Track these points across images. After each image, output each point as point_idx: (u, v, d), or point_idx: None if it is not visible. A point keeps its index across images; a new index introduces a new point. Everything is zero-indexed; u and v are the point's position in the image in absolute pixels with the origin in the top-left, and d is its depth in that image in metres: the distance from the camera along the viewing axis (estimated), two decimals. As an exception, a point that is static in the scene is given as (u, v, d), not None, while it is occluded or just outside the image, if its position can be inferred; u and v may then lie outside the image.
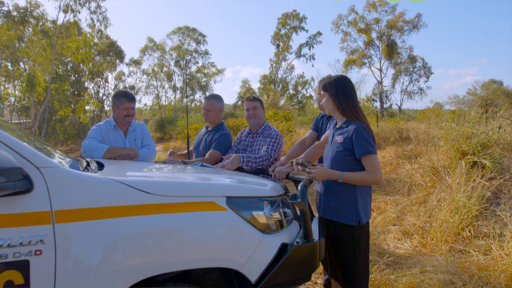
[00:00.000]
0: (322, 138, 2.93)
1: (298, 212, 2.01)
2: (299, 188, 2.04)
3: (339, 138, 2.26)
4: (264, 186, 2.02)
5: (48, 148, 1.88)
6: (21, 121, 31.33)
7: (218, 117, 3.58)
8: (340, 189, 2.26)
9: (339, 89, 2.28)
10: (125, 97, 3.25)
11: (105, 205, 1.44)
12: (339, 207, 2.27)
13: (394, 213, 4.96)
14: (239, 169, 3.06)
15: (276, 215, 1.84)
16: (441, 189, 4.95)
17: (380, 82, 38.07)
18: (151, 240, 1.48)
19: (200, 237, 1.59)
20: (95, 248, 1.39)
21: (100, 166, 1.98)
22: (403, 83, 38.09)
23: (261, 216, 1.78)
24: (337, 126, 2.36)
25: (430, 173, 5.49)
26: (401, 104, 38.10)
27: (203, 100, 3.75)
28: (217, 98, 3.59)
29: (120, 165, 2.19)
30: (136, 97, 3.54)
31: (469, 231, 4.00)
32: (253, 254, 1.67)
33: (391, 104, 38.40)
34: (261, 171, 3.04)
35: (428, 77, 37.69)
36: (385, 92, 37.85)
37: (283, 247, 1.78)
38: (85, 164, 1.99)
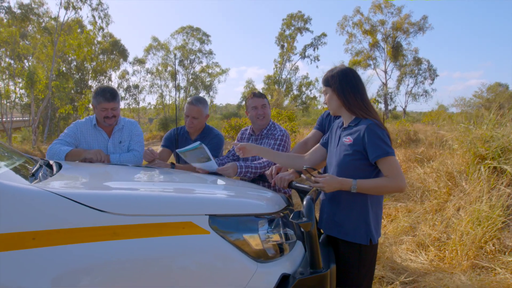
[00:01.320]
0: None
1: (303, 230, 1.59)
2: (304, 203, 1.63)
3: (347, 139, 1.89)
4: (260, 200, 1.65)
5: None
6: (25, 118, 31.11)
7: (203, 124, 3.10)
8: (348, 199, 1.88)
9: (344, 82, 1.92)
10: (101, 95, 2.72)
11: (39, 228, 1.04)
12: (347, 222, 1.89)
13: (406, 222, 4.54)
14: None
15: (275, 237, 1.44)
16: (459, 197, 4.54)
17: (385, 84, 37.61)
18: (101, 276, 1.08)
19: (170, 273, 1.17)
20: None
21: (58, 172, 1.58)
22: (408, 85, 37.63)
23: (255, 239, 1.38)
24: (344, 125, 1.98)
25: (445, 178, 5.07)
26: (405, 106, 37.62)
27: (186, 105, 3.27)
28: (203, 103, 3.03)
29: (82, 170, 1.81)
30: (123, 94, 3.12)
31: (493, 245, 3.58)
32: (244, 290, 1.26)
33: (395, 106, 37.92)
34: (260, 178, 2.63)
35: (433, 79, 37.21)
36: (390, 94, 37.38)
37: (284, 279, 1.38)
38: (36, 168, 1.57)
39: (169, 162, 2.86)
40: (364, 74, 47.77)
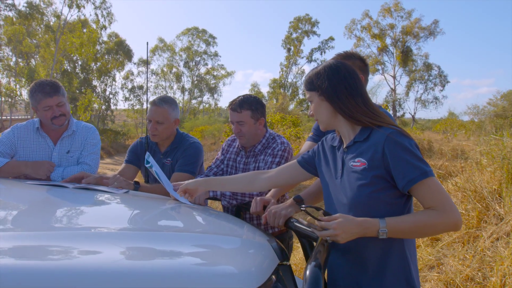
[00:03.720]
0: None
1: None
2: (307, 273, 0.97)
3: (357, 163, 1.30)
4: (230, 263, 1.01)
5: None
6: (27, 116, 30.97)
7: (172, 131, 2.40)
8: (378, 251, 1.29)
9: (336, 80, 1.34)
10: (40, 91, 2.17)
11: None
12: (380, 284, 1.28)
13: (430, 254, 3.80)
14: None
15: None
16: (490, 222, 3.82)
17: (393, 90, 36.87)
18: None
19: None
20: None
21: None
22: (417, 91, 36.81)
23: None
24: (347, 143, 1.38)
25: (473, 200, 4.33)
26: (414, 113, 36.79)
27: (148, 106, 2.42)
28: (171, 103, 2.35)
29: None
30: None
31: (545, 292, 2.84)
32: None
33: (404, 113, 37.08)
34: (244, 207, 1.97)
35: (443, 86, 36.38)
36: (398, 100, 36.61)
37: None
38: None
39: (133, 181, 2.18)
40: (372, 79, 47.34)
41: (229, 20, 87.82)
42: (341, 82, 1.34)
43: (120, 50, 37.99)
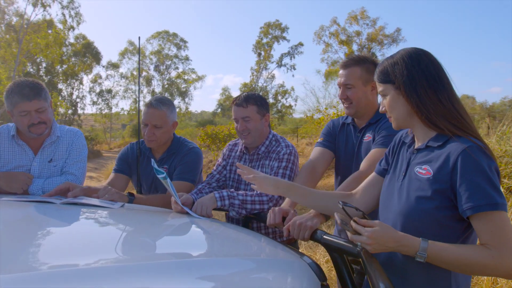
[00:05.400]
0: (366, 163, 1.71)
1: None
2: None
3: (423, 171, 1.16)
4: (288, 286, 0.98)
5: None
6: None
7: (170, 136, 2.19)
8: (418, 273, 1.17)
9: (417, 72, 1.16)
10: (17, 93, 1.84)
11: None
12: None
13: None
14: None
15: None
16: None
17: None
18: None
19: None
20: None
21: None
22: (382, 95, 38.28)
23: None
24: (418, 144, 1.24)
25: None
26: (380, 117, 38.21)
27: (144, 110, 2.10)
28: (169, 105, 2.12)
29: None
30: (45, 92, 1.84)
31: None
32: None
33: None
34: (257, 218, 1.81)
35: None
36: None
37: None
38: None
39: (126, 192, 1.93)
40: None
41: (200, 25, 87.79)
42: (423, 75, 1.16)
43: (88, 53, 37.17)
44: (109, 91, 42.31)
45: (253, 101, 1.96)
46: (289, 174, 1.90)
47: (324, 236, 1.33)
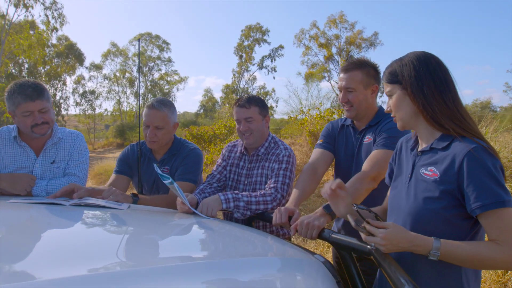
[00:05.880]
0: (368, 163, 1.73)
1: None
2: None
3: (429, 172, 1.20)
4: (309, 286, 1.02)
5: None
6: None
7: (171, 137, 2.22)
8: (428, 271, 1.21)
9: (424, 74, 1.20)
10: (20, 93, 1.84)
11: None
12: None
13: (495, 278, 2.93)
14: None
15: None
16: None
17: (338, 95, 39.07)
18: None
19: None
20: None
21: None
22: (360, 97, 39.20)
23: None
24: (422, 146, 1.28)
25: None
26: (358, 117, 39.14)
27: (145, 111, 2.13)
28: (170, 107, 2.15)
29: None
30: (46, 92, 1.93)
31: None
32: None
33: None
34: (261, 218, 1.87)
35: (383, 93, 38.95)
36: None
37: None
38: None
39: (130, 193, 1.95)
40: (319, 85, 49.56)
41: (182, 27, 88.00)
42: (430, 77, 1.18)
43: (71, 54, 37.26)
44: (92, 92, 42.48)
45: (255, 102, 2.03)
46: (289, 175, 1.96)
47: (333, 235, 1.36)
